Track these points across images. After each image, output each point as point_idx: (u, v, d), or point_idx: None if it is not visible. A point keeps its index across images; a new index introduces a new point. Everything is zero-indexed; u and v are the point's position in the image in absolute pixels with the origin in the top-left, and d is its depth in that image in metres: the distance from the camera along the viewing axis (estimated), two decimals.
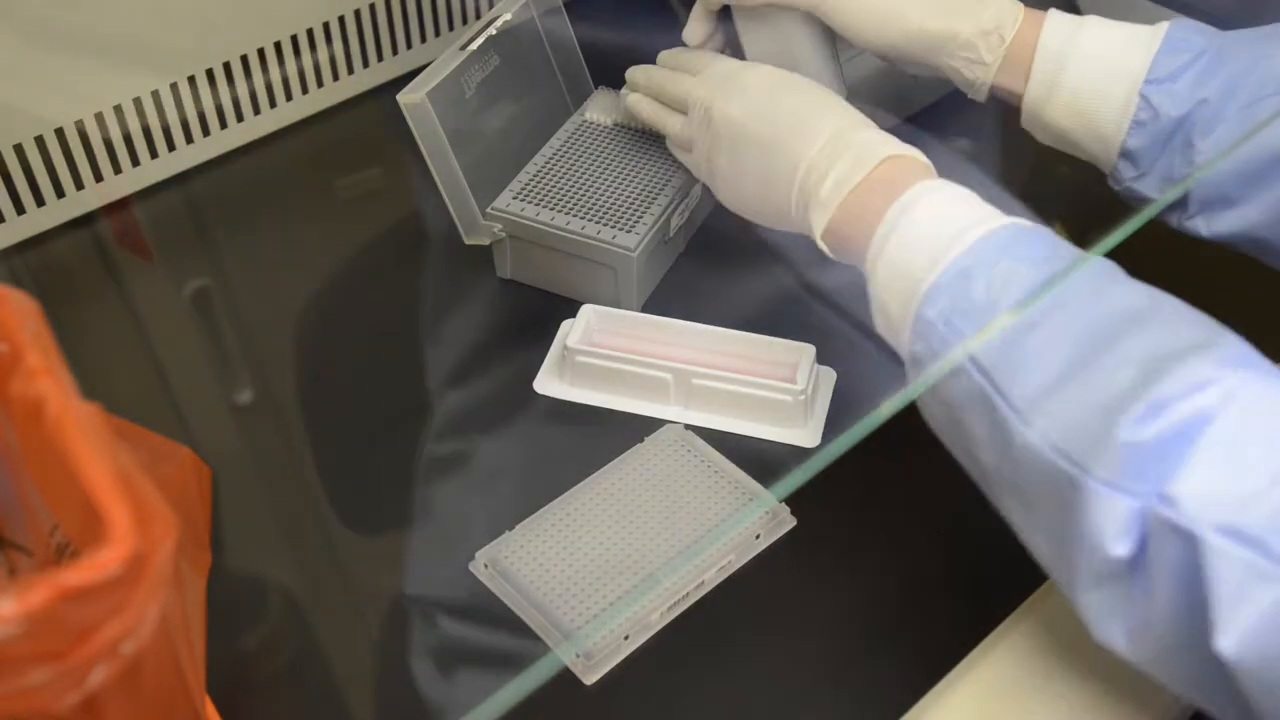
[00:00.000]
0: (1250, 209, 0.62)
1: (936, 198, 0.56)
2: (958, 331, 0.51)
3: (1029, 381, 0.48)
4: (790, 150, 0.62)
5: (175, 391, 0.71)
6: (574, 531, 0.61)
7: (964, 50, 0.66)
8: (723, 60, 0.71)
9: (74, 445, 0.39)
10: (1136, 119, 0.63)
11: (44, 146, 0.76)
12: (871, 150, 0.59)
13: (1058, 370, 0.48)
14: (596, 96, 0.82)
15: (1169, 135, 0.63)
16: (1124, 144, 0.64)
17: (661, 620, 0.59)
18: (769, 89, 0.66)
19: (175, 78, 0.80)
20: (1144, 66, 0.63)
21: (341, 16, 0.86)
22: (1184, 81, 0.63)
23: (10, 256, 0.77)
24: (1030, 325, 0.49)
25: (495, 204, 0.74)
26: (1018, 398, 0.48)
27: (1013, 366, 0.49)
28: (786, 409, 0.67)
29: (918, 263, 0.54)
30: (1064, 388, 0.47)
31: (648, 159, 0.77)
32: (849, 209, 0.59)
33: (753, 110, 0.65)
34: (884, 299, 0.56)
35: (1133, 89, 0.63)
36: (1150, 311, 0.49)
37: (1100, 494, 0.44)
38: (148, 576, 0.36)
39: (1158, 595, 0.43)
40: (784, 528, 0.63)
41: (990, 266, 0.52)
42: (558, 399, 0.70)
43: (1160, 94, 0.63)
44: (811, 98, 0.65)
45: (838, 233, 0.59)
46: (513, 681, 0.34)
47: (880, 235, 0.56)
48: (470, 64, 0.74)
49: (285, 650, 0.58)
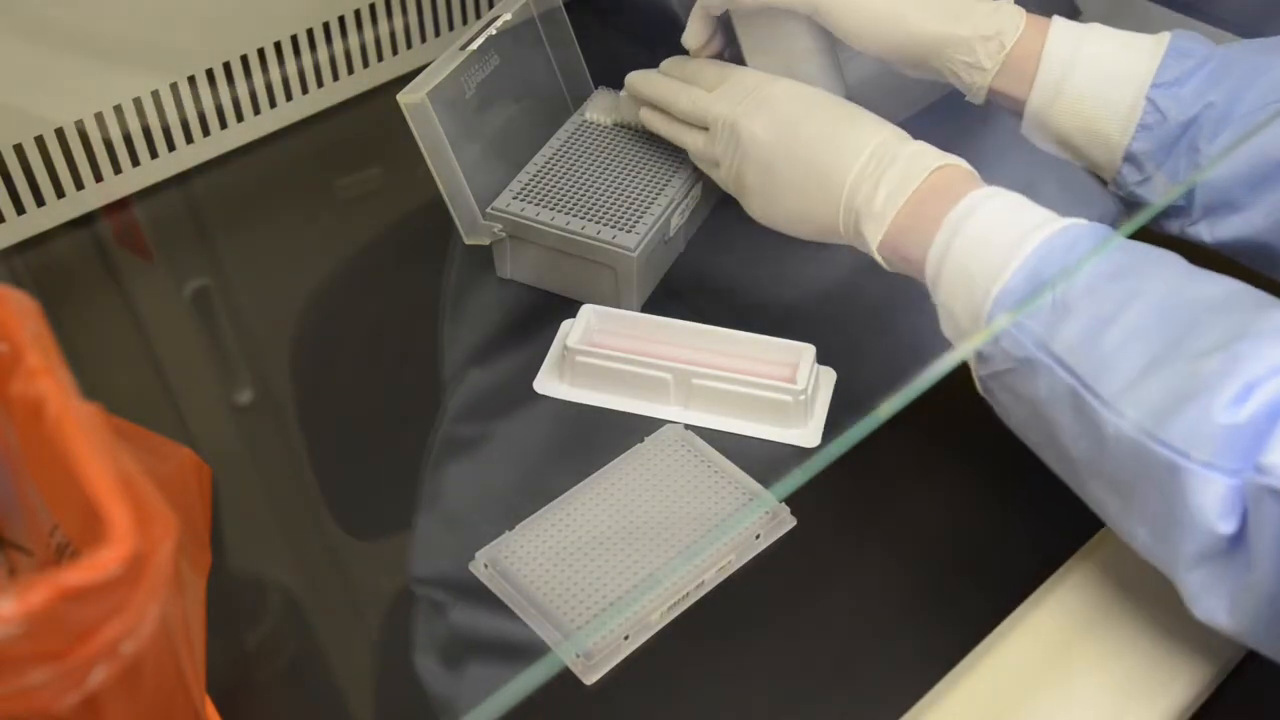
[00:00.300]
0: (1255, 214, 0.62)
1: (994, 204, 0.57)
2: (1030, 332, 0.52)
3: (1116, 374, 0.49)
4: (833, 167, 0.63)
5: (175, 391, 0.71)
6: (574, 531, 0.61)
7: (963, 54, 0.66)
8: (738, 73, 0.70)
9: (74, 445, 0.39)
10: (1142, 123, 0.63)
11: (44, 146, 0.76)
12: (920, 161, 0.60)
13: (1143, 361, 0.49)
14: (596, 96, 0.82)
15: (1174, 139, 0.63)
16: (1129, 148, 0.64)
17: (661, 620, 0.59)
18: (797, 106, 0.66)
19: (175, 78, 0.80)
20: (1150, 71, 0.63)
21: (341, 16, 0.86)
22: (1190, 86, 0.63)
23: (10, 256, 0.77)
24: (1109, 320, 0.51)
25: (495, 204, 0.74)
26: (1106, 391, 0.49)
27: (1097, 361, 0.50)
28: (786, 409, 0.67)
29: (984, 269, 0.55)
30: (1151, 377, 0.49)
31: (648, 159, 0.77)
32: (903, 221, 0.60)
33: (784, 129, 0.65)
34: (950, 306, 0.57)
35: (1139, 93, 0.63)
36: (1224, 297, 0.51)
37: (1201, 476, 0.46)
38: (148, 576, 0.36)
39: (1259, 562, 0.45)
40: (784, 528, 0.63)
41: (1058, 266, 0.53)
42: (558, 399, 0.70)
43: (1167, 98, 0.63)
44: (845, 113, 0.66)
45: (893, 244, 0.60)
46: (513, 681, 0.34)
47: (940, 243, 0.57)
48: (470, 64, 0.74)
49: (285, 650, 0.58)
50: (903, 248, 0.60)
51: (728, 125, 0.68)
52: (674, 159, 0.77)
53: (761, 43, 0.71)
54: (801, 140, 0.65)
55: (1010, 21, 0.65)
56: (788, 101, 0.67)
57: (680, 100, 0.71)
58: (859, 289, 0.76)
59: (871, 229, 0.61)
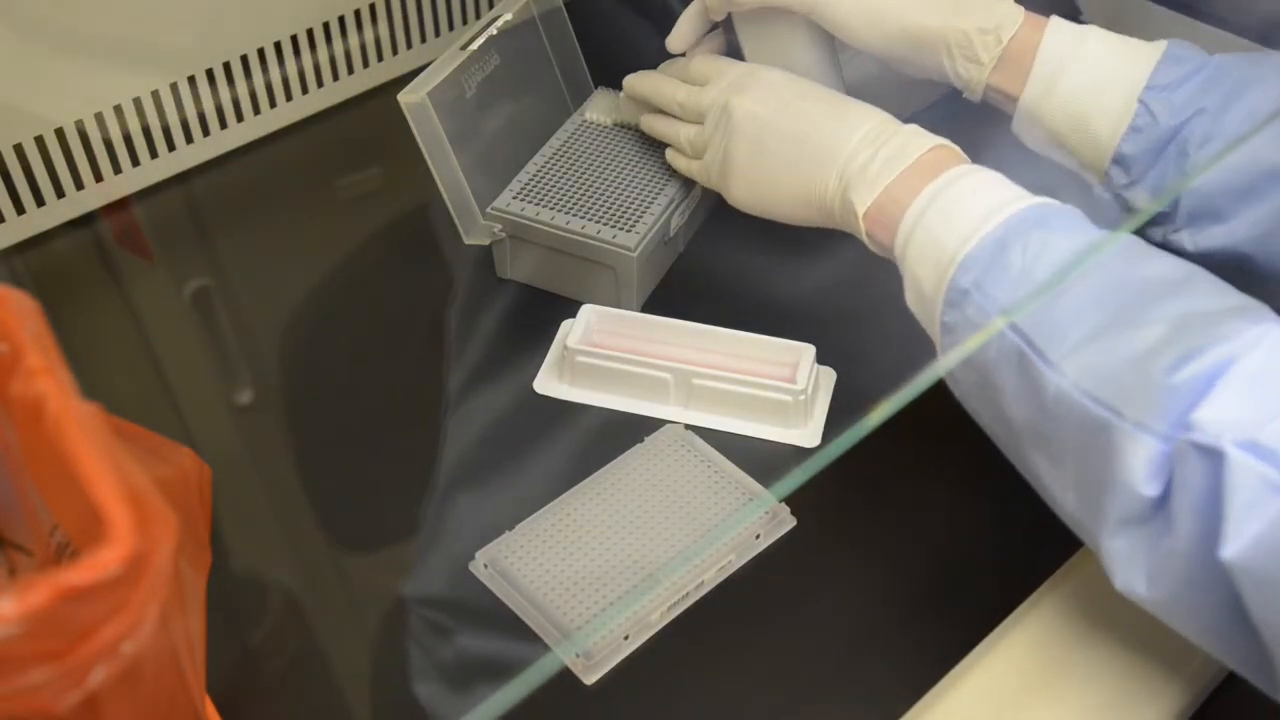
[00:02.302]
0: (1239, 224, 0.62)
1: (971, 180, 0.58)
2: (991, 298, 0.53)
3: (1065, 336, 0.50)
4: (830, 139, 0.64)
5: (175, 391, 0.71)
6: (574, 531, 0.61)
7: (960, 48, 0.66)
8: (733, 65, 0.71)
9: (74, 445, 0.39)
10: (1134, 124, 0.63)
11: (44, 146, 0.76)
12: (917, 139, 0.62)
13: (1092, 326, 0.50)
14: (596, 96, 0.82)
15: (1164, 143, 0.63)
16: (1118, 149, 0.64)
17: (661, 620, 0.59)
18: (792, 87, 0.67)
19: (175, 78, 0.80)
20: (1145, 73, 0.63)
21: (341, 16, 0.86)
22: (1183, 91, 0.63)
23: (10, 256, 0.77)
24: (1064, 289, 0.51)
25: (495, 204, 0.74)
26: (1053, 351, 0.50)
27: (1048, 324, 0.51)
28: (786, 409, 0.67)
29: (952, 236, 0.56)
30: (1098, 340, 0.49)
31: (648, 159, 0.77)
32: (892, 191, 0.60)
33: (779, 105, 0.66)
34: (916, 272, 0.58)
35: (1132, 94, 0.63)
36: (1183, 279, 0.51)
37: (1132, 435, 0.46)
38: (148, 576, 0.36)
39: (1178, 524, 0.45)
40: (784, 528, 0.63)
41: (1023, 237, 0.54)
42: (558, 399, 0.70)
43: (1159, 101, 0.63)
44: (841, 97, 0.67)
45: (878, 215, 0.61)
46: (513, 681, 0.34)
47: (915, 211, 0.58)
48: (470, 64, 0.74)
49: (285, 650, 0.58)
50: (886, 217, 0.60)
51: (719, 106, 0.68)
52: None
53: (761, 43, 0.71)
54: (799, 116, 0.65)
55: (1008, 16, 0.66)
56: (783, 83, 0.68)
57: (678, 94, 0.72)
58: (859, 289, 0.76)
59: (861, 195, 0.61)
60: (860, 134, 0.63)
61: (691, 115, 0.71)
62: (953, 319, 0.55)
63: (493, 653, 0.58)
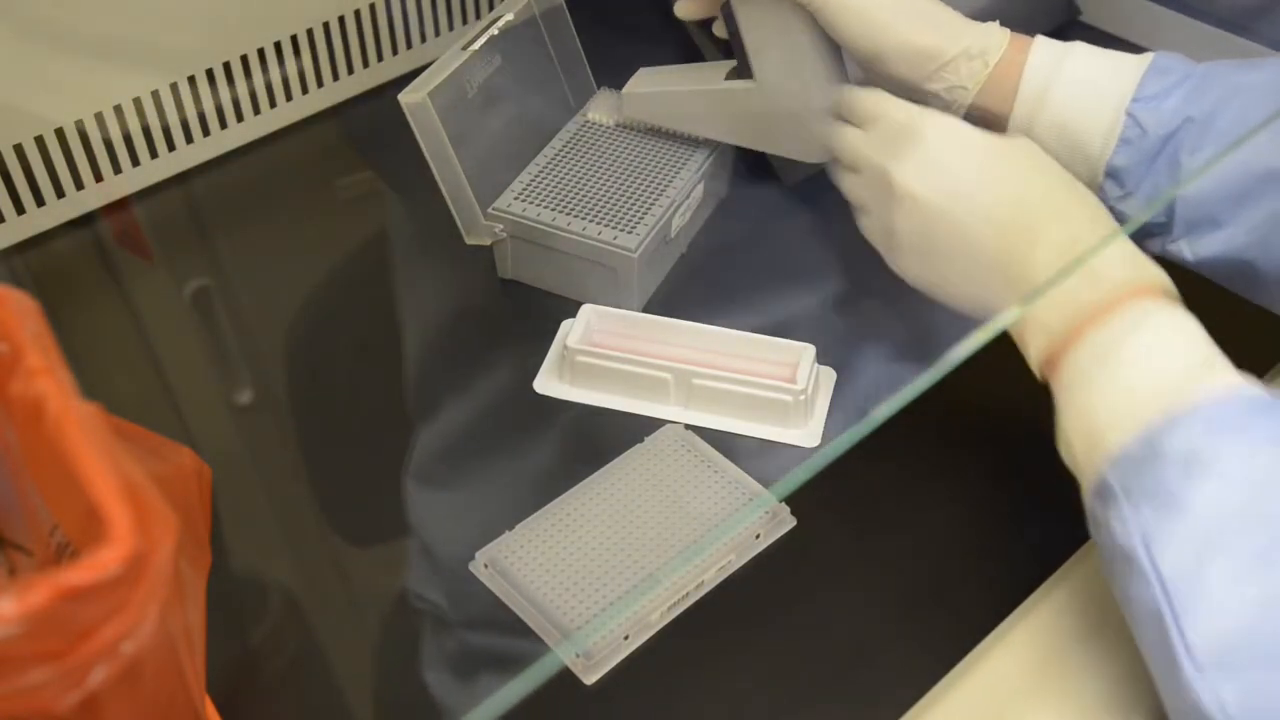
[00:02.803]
0: (1237, 231, 0.62)
1: (1150, 335, 0.50)
2: (1137, 518, 0.47)
3: (1211, 621, 0.43)
4: (1007, 254, 0.56)
5: (175, 391, 0.71)
6: (574, 531, 0.61)
7: (946, 71, 0.66)
8: (890, 105, 0.63)
9: (74, 445, 0.39)
10: (1124, 137, 0.63)
11: (44, 146, 0.76)
12: (1110, 275, 0.52)
13: (1248, 617, 0.43)
14: (599, 97, 0.82)
15: (1155, 153, 0.63)
16: (1110, 162, 0.64)
17: (661, 620, 0.59)
18: (954, 154, 0.59)
19: (175, 78, 0.80)
20: (1132, 86, 0.63)
21: (341, 16, 0.86)
22: (1170, 101, 0.63)
23: (10, 256, 0.77)
24: (1222, 544, 0.44)
25: (497, 204, 0.74)
26: (1195, 636, 0.43)
27: (1195, 594, 0.44)
28: (786, 409, 0.67)
29: (1108, 412, 0.49)
30: (1251, 644, 0.42)
31: (650, 160, 0.77)
32: (1071, 335, 0.53)
33: (948, 189, 0.58)
34: (1069, 435, 0.52)
35: (1120, 107, 0.63)
36: None
37: None
38: (148, 576, 0.36)
39: None
40: (784, 528, 0.63)
41: (1185, 448, 0.46)
42: (558, 399, 0.70)
43: (1147, 112, 0.63)
44: (1019, 176, 0.58)
45: (1051, 359, 0.54)
46: (513, 681, 0.34)
47: (1082, 365, 0.51)
48: (472, 64, 0.74)
49: (285, 650, 0.58)
50: (1059, 358, 0.53)
51: (879, 172, 0.61)
52: (676, 160, 0.77)
53: (763, 28, 0.70)
54: (970, 208, 0.57)
55: (995, 41, 0.66)
56: (943, 148, 0.59)
57: (845, 136, 0.66)
58: (859, 289, 0.76)
59: (1037, 341, 0.54)
60: (1043, 258, 0.54)
61: (848, 164, 0.65)
62: (1098, 513, 0.50)
63: (493, 653, 0.58)
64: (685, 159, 0.77)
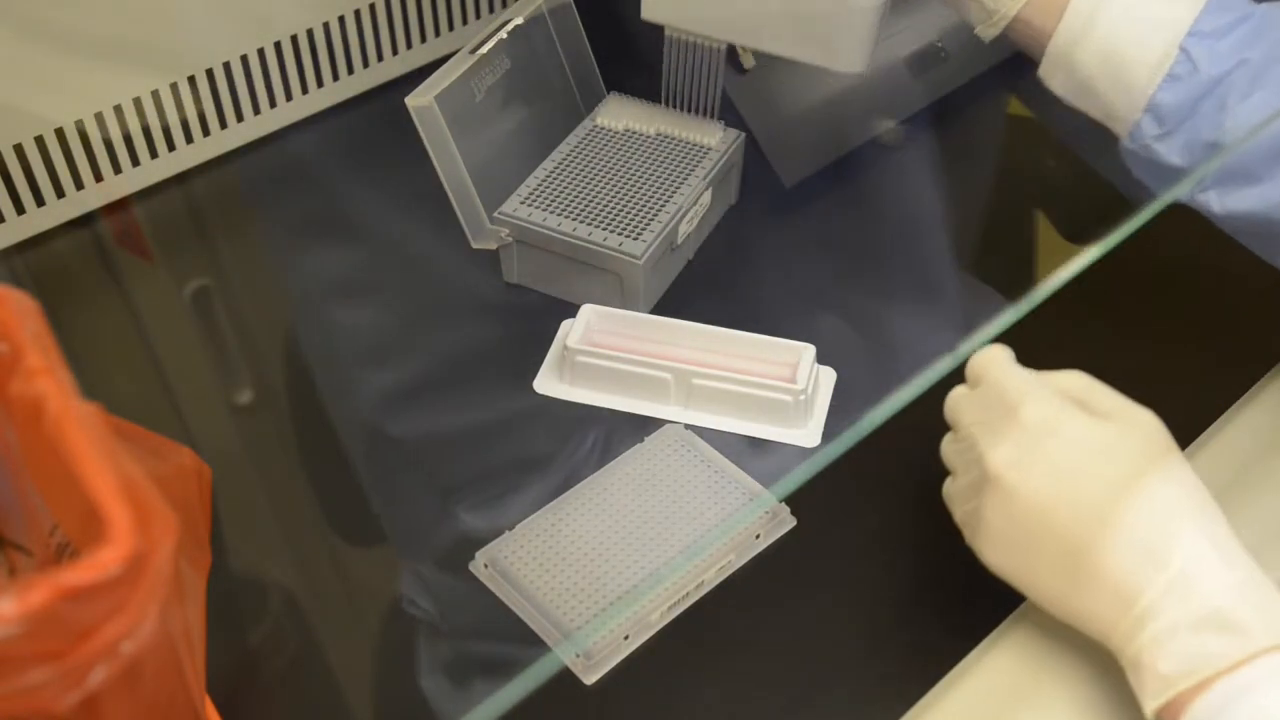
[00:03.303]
0: (1273, 189, 0.58)
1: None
2: None
3: None
4: (1117, 572, 0.49)
5: (175, 391, 0.71)
6: (574, 531, 0.61)
7: None
8: (996, 370, 0.55)
9: (74, 445, 0.39)
10: (1173, 72, 0.59)
11: (44, 146, 0.76)
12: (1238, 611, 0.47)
13: None
14: (609, 101, 0.82)
15: (1203, 94, 0.59)
16: (1154, 97, 0.60)
17: (661, 620, 0.59)
18: (1066, 451, 0.51)
19: (175, 78, 0.80)
20: (1190, 18, 0.59)
21: (341, 16, 0.86)
22: (1229, 40, 0.59)
23: (10, 256, 0.77)
24: None
25: (503, 209, 0.74)
26: None
27: None
28: (786, 409, 0.67)
29: None
30: None
31: (658, 166, 0.77)
32: (1184, 695, 0.48)
33: (1049, 487, 0.51)
34: None
35: (1174, 40, 0.59)
36: None
37: None
38: (148, 576, 0.36)
39: None
40: (784, 528, 0.63)
41: None
42: (558, 399, 0.70)
43: (1201, 48, 0.59)
44: (1126, 476, 0.50)
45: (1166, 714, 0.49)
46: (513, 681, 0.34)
47: None
48: (480, 67, 0.74)
49: (285, 650, 0.58)
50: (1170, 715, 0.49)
51: (971, 443, 0.54)
52: (685, 166, 0.77)
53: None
54: (1074, 514, 0.50)
55: None
56: (1043, 436, 0.52)
57: (957, 404, 0.58)
58: (859, 289, 0.76)
59: (1150, 686, 0.49)
60: (1157, 585, 0.48)
61: (949, 418, 0.58)
62: None
63: (493, 653, 0.58)
64: (694, 165, 0.77)
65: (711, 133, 0.79)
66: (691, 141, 0.79)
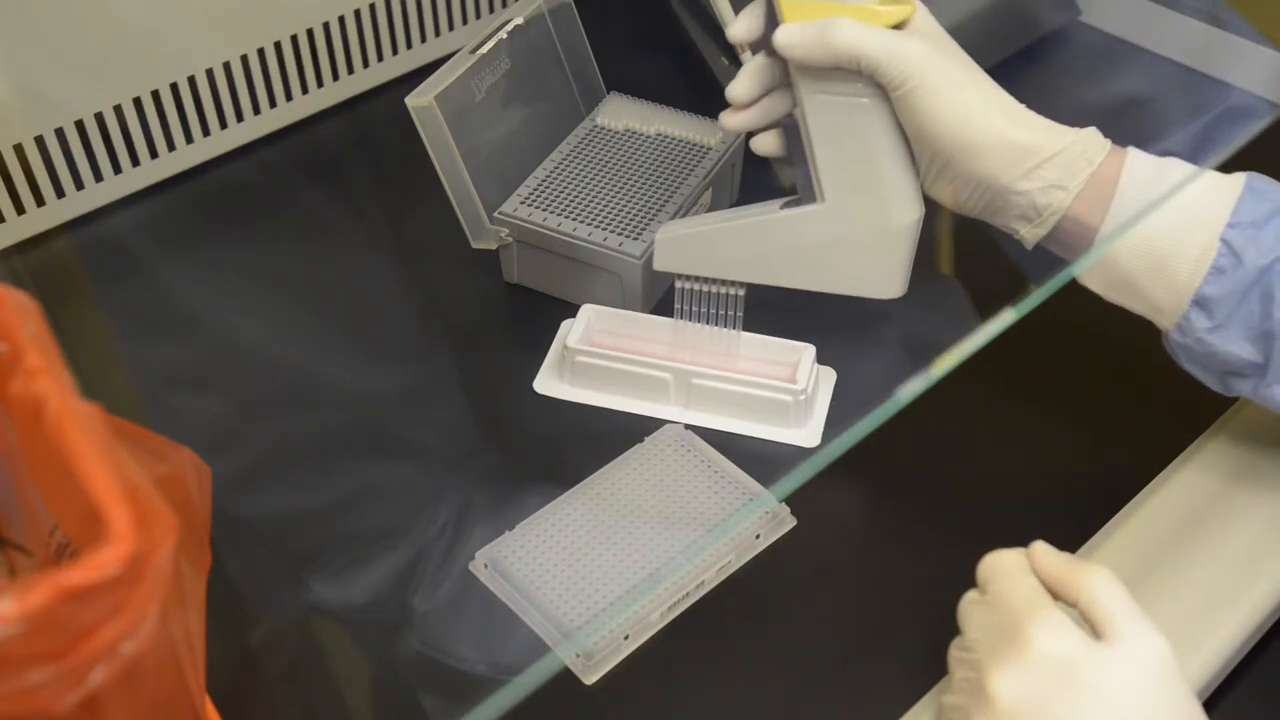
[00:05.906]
0: None
1: None
2: None
3: None
4: None
5: (175, 391, 0.71)
6: (574, 531, 0.61)
7: (1044, 169, 0.58)
8: (1018, 588, 0.51)
9: (74, 445, 0.39)
10: (1216, 265, 0.57)
11: (44, 146, 0.76)
12: None
13: None
14: (609, 101, 0.82)
15: (1250, 284, 0.57)
16: (1200, 291, 0.58)
17: (661, 620, 0.59)
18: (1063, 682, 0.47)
19: (175, 77, 0.80)
20: (1227, 210, 0.57)
21: (341, 16, 0.86)
22: (1271, 228, 0.57)
23: (10, 256, 0.77)
24: None
25: (503, 209, 0.74)
26: None
27: None
28: (786, 409, 0.67)
29: None
30: None
31: (658, 166, 0.77)
32: None
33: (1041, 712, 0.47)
34: None
35: (1214, 231, 0.57)
36: None
37: None
38: (148, 576, 0.36)
39: None
40: (784, 528, 0.63)
41: None
42: (558, 399, 0.70)
43: (1243, 239, 0.57)
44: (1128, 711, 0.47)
45: None
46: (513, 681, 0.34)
47: None
48: (480, 67, 0.74)
49: (285, 650, 0.58)
50: None
51: (972, 653, 0.51)
52: (683, 166, 0.77)
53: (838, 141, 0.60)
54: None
55: (1096, 143, 0.59)
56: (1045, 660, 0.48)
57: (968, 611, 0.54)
58: None
59: None
60: None
61: (959, 621, 0.54)
62: None
63: (493, 653, 0.58)
64: (694, 165, 0.77)
65: (711, 133, 0.79)
66: (691, 141, 0.79)
